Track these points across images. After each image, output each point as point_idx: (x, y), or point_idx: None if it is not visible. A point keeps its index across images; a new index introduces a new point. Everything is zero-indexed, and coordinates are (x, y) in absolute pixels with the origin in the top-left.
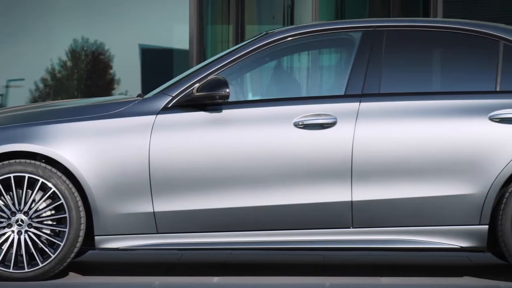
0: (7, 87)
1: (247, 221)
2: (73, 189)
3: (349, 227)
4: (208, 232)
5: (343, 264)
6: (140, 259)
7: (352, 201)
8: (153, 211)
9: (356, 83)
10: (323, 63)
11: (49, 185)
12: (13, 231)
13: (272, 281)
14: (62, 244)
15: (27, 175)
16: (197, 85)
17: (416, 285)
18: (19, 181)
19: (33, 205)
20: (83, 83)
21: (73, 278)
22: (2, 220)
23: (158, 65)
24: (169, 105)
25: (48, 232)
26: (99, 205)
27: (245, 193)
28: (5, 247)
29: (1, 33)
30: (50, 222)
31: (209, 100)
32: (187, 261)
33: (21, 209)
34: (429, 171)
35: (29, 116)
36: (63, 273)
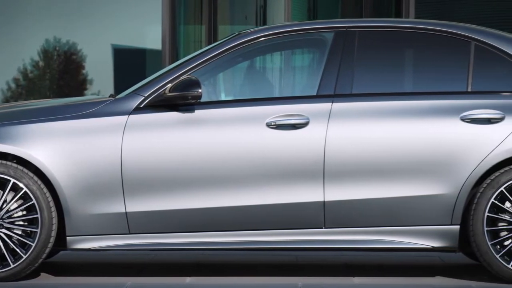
0: None
1: (219, 221)
2: (45, 190)
3: (322, 227)
4: (180, 232)
5: (315, 264)
6: (112, 260)
7: (324, 201)
8: (125, 212)
9: (328, 84)
10: (295, 64)
11: (21, 185)
12: None
13: (244, 281)
14: (33, 244)
15: None
16: (170, 85)
17: (388, 285)
18: None
19: (5, 205)
20: (55, 83)
21: (45, 278)
22: None
23: (130, 65)
24: (141, 105)
25: (19, 232)
26: (71, 206)
27: (217, 194)
28: None
29: None
30: (21, 222)
31: (182, 100)
32: (160, 261)
33: None
34: (401, 172)
35: (0, 116)
36: (35, 274)
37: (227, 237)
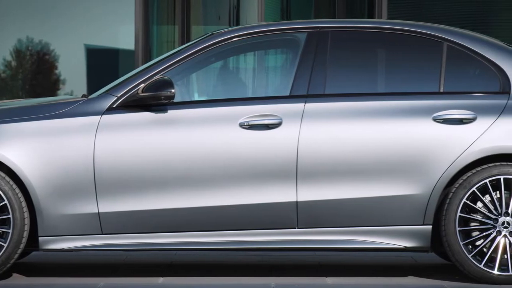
0: None
1: (192, 221)
2: (17, 190)
3: (294, 228)
4: (153, 232)
5: (288, 264)
6: (85, 260)
7: (297, 202)
8: (98, 212)
9: (301, 84)
10: (268, 64)
11: None
12: None
13: (217, 282)
14: (5, 245)
15: None
16: (142, 85)
17: (361, 285)
18: None
19: None
20: (28, 83)
21: (17, 279)
22: None
23: (103, 65)
24: (114, 106)
25: None
26: (43, 206)
27: (190, 194)
28: None
29: None
30: None
31: (155, 100)
32: (132, 261)
33: None
34: (373, 172)
35: None
36: (7, 275)
37: (200, 238)
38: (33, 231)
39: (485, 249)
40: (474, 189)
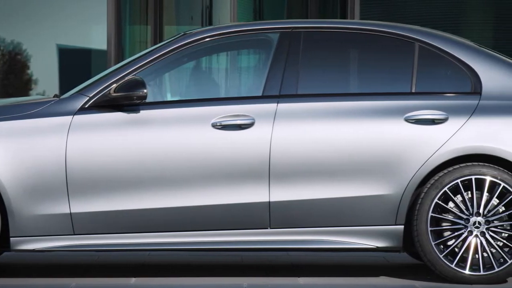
0: None
1: (164, 222)
2: None
3: (267, 228)
4: (125, 233)
5: (260, 264)
6: (56, 261)
7: (269, 202)
8: (70, 212)
9: (273, 84)
10: (241, 64)
11: None
12: None
13: (189, 282)
14: None
15: None
16: (115, 85)
17: (333, 285)
18: None
19: None
20: None
21: None
22: None
23: (75, 65)
24: (86, 106)
25: None
26: (14, 206)
27: (162, 194)
28: None
29: None
30: None
31: (127, 100)
32: (104, 262)
33: None
34: (346, 172)
35: None
36: None
37: (172, 238)
38: (4, 232)
39: (456, 249)
40: (445, 189)
